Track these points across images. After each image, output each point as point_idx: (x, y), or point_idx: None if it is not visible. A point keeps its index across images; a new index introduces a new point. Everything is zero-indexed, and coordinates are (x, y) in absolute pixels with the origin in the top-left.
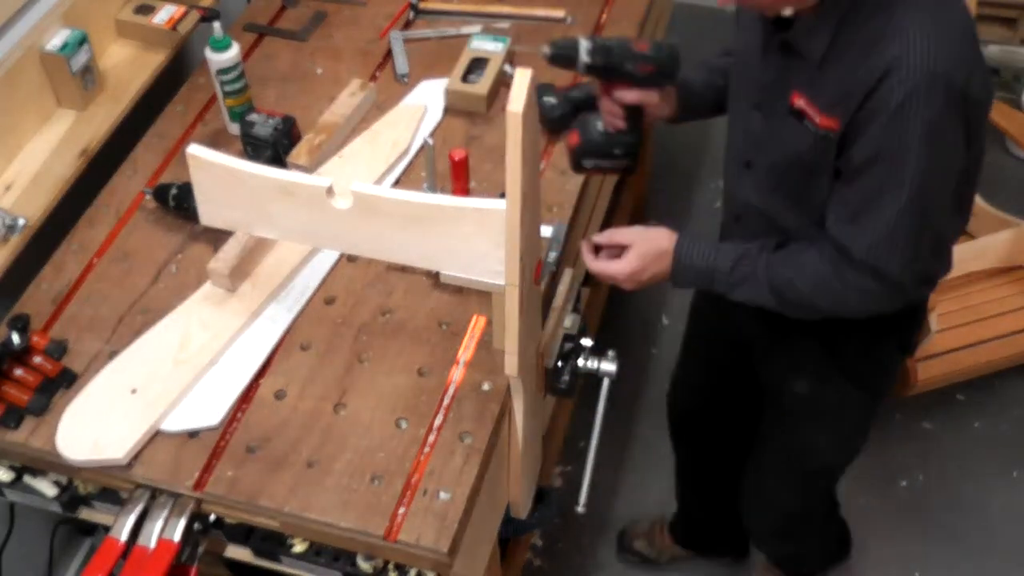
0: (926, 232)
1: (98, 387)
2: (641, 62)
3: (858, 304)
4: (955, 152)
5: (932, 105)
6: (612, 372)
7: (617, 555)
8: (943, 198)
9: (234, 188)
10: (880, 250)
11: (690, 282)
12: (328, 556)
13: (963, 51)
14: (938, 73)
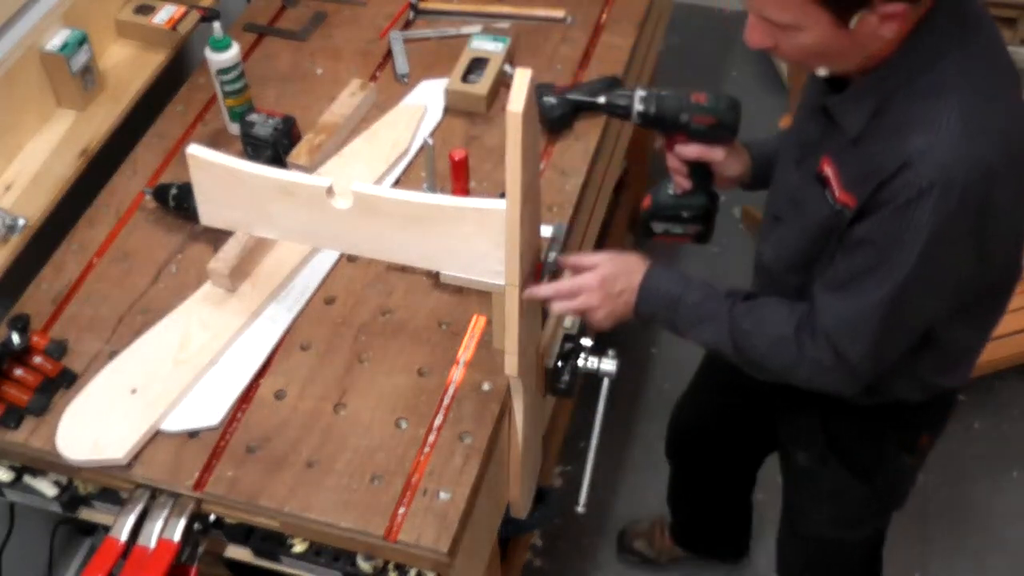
0: (898, 331)
1: (98, 387)
2: (697, 113)
3: (808, 375)
4: (957, 264)
5: (940, 212)
6: (612, 372)
7: (617, 555)
8: (931, 305)
9: (234, 188)
10: (844, 330)
11: (654, 307)
12: (328, 556)
13: (997, 157)
14: (956, 179)
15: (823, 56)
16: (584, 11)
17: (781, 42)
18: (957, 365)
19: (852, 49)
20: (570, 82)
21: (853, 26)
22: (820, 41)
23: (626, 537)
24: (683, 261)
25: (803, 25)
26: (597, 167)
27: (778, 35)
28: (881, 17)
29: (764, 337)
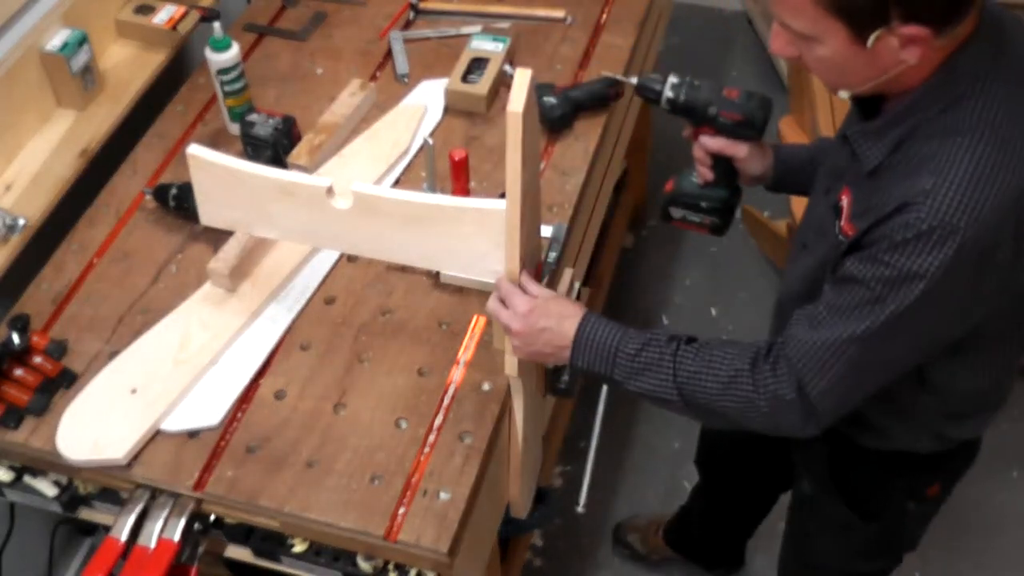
0: (866, 373)
1: (98, 387)
2: (726, 108)
3: (765, 411)
4: (944, 315)
5: (936, 260)
6: None
7: (613, 548)
8: (905, 353)
9: (234, 188)
10: (811, 362)
11: (589, 358)
12: (328, 556)
13: (1006, 209)
14: (957, 227)
15: (842, 74)
16: (584, 11)
17: (803, 53)
18: (965, 414)
19: (871, 70)
20: (570, 82)
21: (871, 45)
22: (837, 57)
23: (621, 530)
24: (683, 260)
25: (820, 37)
26: (597, 167)
27: (800, 45)
28: (902, 40)
29: (715, 377)
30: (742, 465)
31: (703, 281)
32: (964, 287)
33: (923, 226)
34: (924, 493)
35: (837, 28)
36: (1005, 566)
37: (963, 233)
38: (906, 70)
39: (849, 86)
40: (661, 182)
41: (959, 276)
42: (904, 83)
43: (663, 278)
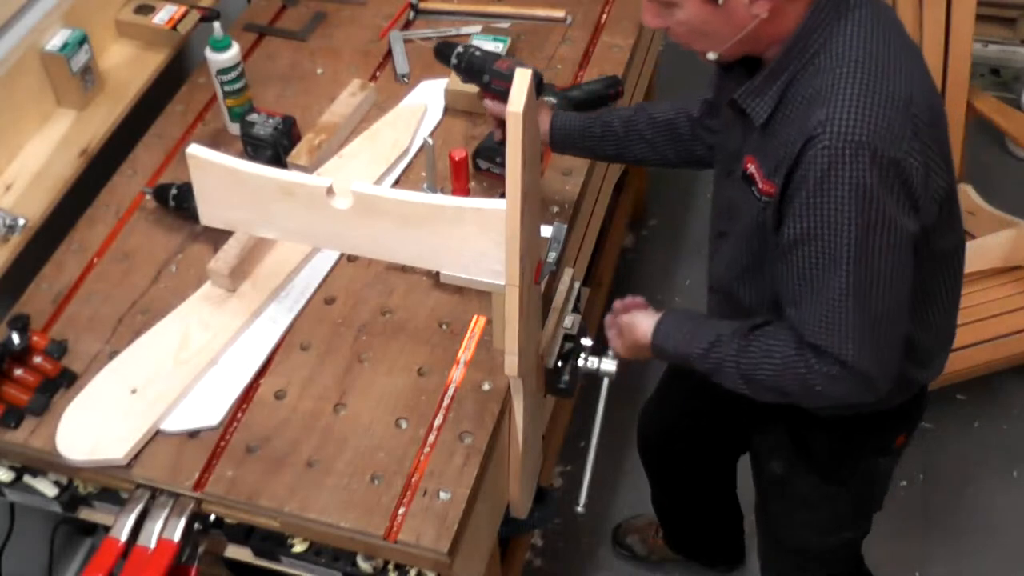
0: (882, 317)
1: (98, 387)
2: (496, 77)
3: (827, 390)
4: (901, 227)
5: (858, 175)
6: (612, 372)
7: (613, 548)
8: (899, 278)
9: (234, 188)
10: (828, 334)
11: (670, 359)
12: (328, 556)
13: (900, 118)
14: (863, 141)
15: (704, 36)
16: (584, 11)
17: (669, 22)
18: (932, 354)
19: (728, 28)
20: (570, 82)
21: (722, 2)
22: (695, 18)
23: (620, 531)
24: (683, 260)
25: (678, 1)
26: (597, 167)
27: (665, 14)
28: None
29: (772, 363)
30: (681, 455)
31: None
32: (901, 193)
33: (833, 152)
34: (892, 445)
35: None
36: (1005, 566)
37: (870, 145)
38: (772, 24)
39: (714, 47)
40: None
41: (889, 182)
42: (774, 36)
43: (663, 278)
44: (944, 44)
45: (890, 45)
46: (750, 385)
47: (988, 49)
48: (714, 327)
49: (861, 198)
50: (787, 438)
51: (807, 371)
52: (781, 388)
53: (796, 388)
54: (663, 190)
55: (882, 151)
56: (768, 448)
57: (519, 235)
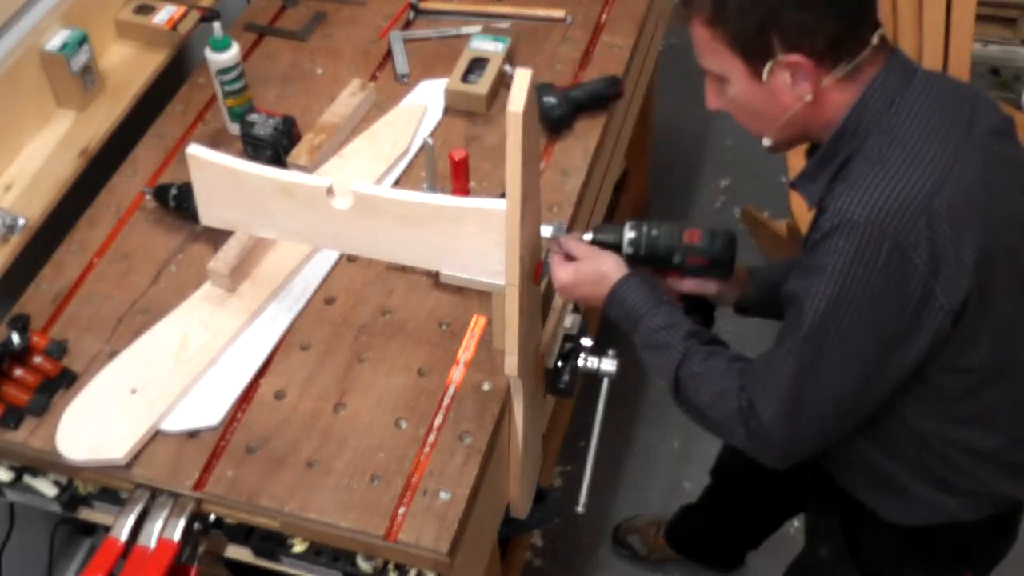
0: (815, 394)
1: (98, 387)
2: (690, 254)
3: (741, 433)
4: (868, 314)
5: (841, 251)
6: (612, 372)
7: (613, 548)
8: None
9: (234, 188)
10: (758, 383)
11: (617, 316)
12: (328, 556)
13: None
14: (857, 221)
15: (755, 115)
16: (584, 11)
17: (727, 104)
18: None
19: (774, 107)
20: (570, 82)
21: (766, 79)
22: (743, 95)
23: (621, 530)
24: None
25: (728, 75)
26: (597, 167)
27: (721, 93)
28: (790, 71)
29: (710, 386)
30: (756, 486)
31: None
32: (879, 288)
33: (828, 225)
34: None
35: (736, 63)
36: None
37: (863, 228)
38: (820, 109)
39: (765, 130)
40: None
41: (868, 271)
42: (824, 122)
43: None
44: (944, 44)
45: (942, 129)
46: (677, 388)
47: (988, 49)
48: (674, 313)
49: (839, 272)
50: (841, 529)
51: (737, 408)
52: (705, 411)
53: (717, 420)
54: (663, 190)
55: (873, 237)
56: (822, 529)
57: (519, 235)
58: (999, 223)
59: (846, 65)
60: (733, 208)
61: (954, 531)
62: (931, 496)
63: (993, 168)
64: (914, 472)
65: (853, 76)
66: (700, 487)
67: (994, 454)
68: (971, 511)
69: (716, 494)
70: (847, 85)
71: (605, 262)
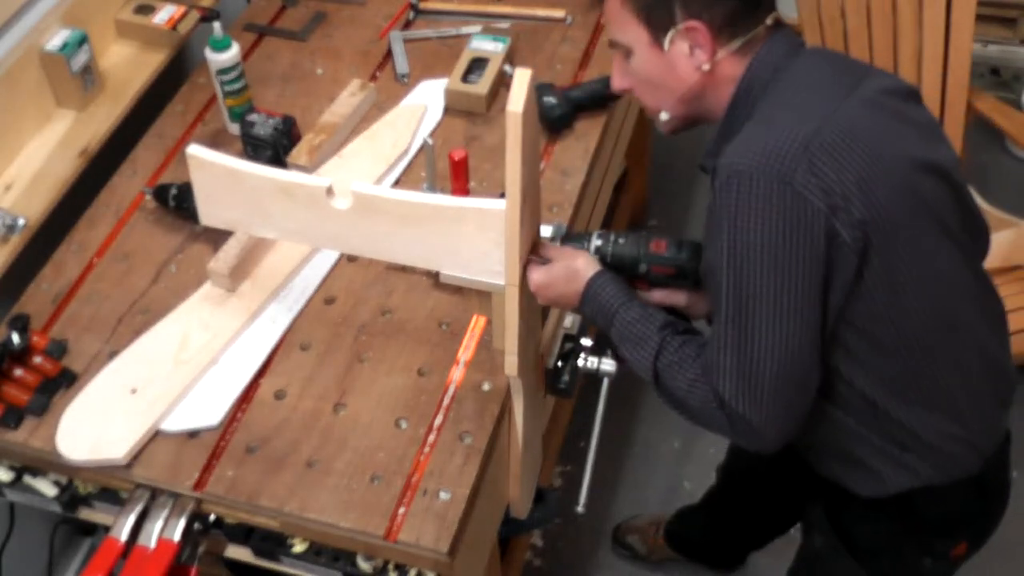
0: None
1: (98, 387)
2: (656, 264)
3: (720, 424)
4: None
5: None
6: (612, 372)
7: (613, 548)
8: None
9: (234, 188)
10: (710, 368)
11: (591, 313)
12: (328, 556)
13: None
14: (740, 170)
15: (656, 90)
16: (584, 11)
17: (631, 81)
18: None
19: (672, 79)
20: (570, 82)
21: (667, 47)
22: (645, 66)
23: (621, 530)
24: None
25: (632, 45)
26: (597, 167)
27: (627, 71)
28: (689, 40)
29: (684, 374)
30: (765, 485)
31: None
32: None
33: (718, 186)
34: (945, 552)
35: (641, 32)
36: (1005, 566)
37: (748, 173)
38: (714, 87)
39: (664, 103)
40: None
41: (764, 216)
42: (720, 102)
43: None
44: (944, 44)
45: (826, 88)
46: (658, 383)
47: (988, 49)
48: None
49: (731, 227)
50: (827, 516)
51: (713, 398)
52: (685, 400)
53: (696, 408)
54: (663, 190)
55: (760, 180)
56: (814, 519)
57: (519, 235)
58: (893, 161)
59: (740, 39)
60: None
61: (933, 498)
62: (896, 460)
63: (882, 119)
64: (872, 438)
65: (744, 51)
66: (700, 487)
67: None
68: (941, 473)
69: (722, 492)
70: (739, 60)
71: (577, 260)
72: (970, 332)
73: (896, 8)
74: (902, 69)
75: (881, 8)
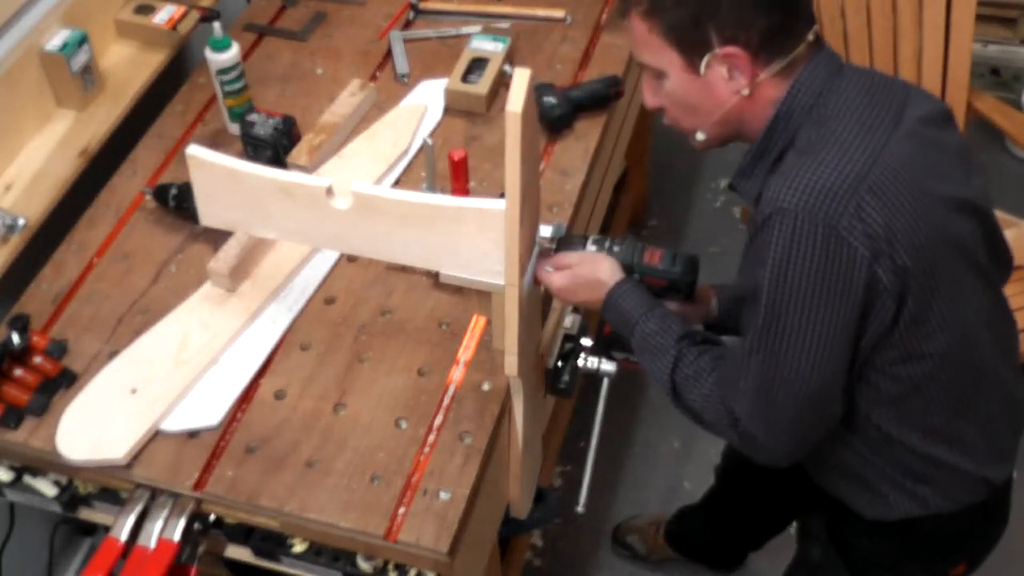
0: (779, 385)
1: (98, 387)
2: (648, 274)
3: (731, 437)
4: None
5: (779, 239)
6: (612, 372)
7: (613, 548)
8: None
9: (234, 188)
10: (729, 387)
11: (613, 321)
12: (328, 556)
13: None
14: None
15: (690, 111)
16: (584, 11)
17: (663, 100)
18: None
19: (709, 102)
20: (570, 82)
21: (703, 72)
22: (680, 89)
23: (621, 530)
24: None
25: (665, 70)
26: (597, 167)
27: (658, 89)
28: (727, 64)
29: (699, 388)
30: (761, 485)
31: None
32: (820, 275)
33: (760, 218)
34: (945, 571)
35: (672, 56)
36: (1005, 566)
37: (794, 214)
38: (753, 105)
39: (700, 125)
40: (661, 182)
41: (805, 259)
42: (757, 123)
43: None
44: (944, 44)
45: (871, 117)
46: (675, 392)
47: (988, 49)
48: (668, 318)
49: (781, 262)
50: (827, 529)
51: (724, 414)
52: (702, 414)
53: (711, 421)
54: (663, 190)
55: (806, 220)
56: (813, 530)
57: (519, 235)
58: (935, 204)
59: (781, 60)
60: (733, 208)
61: (938, 523)
62: (906, 489)
63: (925, 154)
64: (885, 467)
65: (787, 72)
66: (700, 487)
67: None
68: (949, 502)
69: (720, 493)
70: (781, 81)
71: (600, 267)
72: (990, 369)
73: (896, 8)
74: (902, 69)
75: (881, 8)
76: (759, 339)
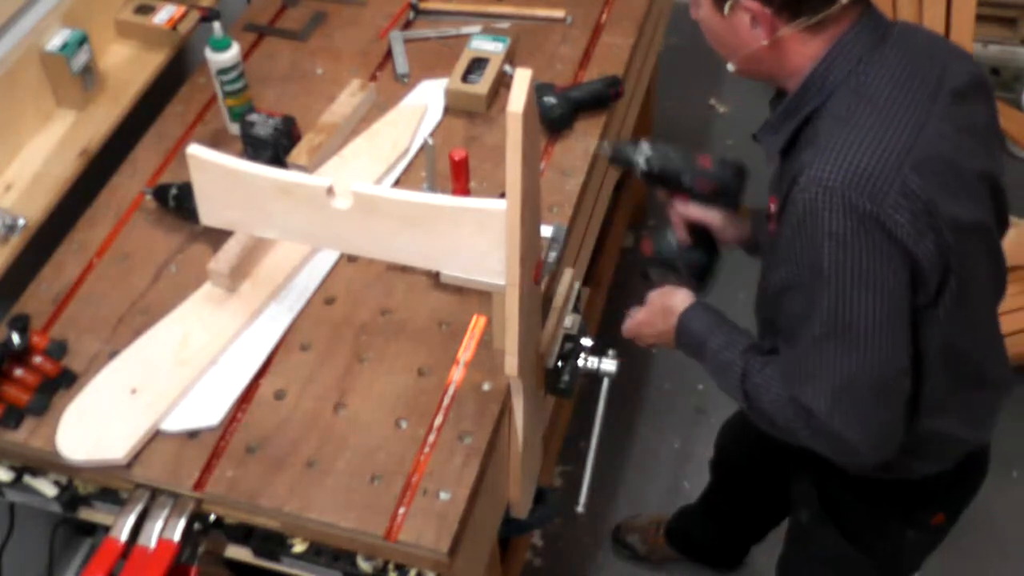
0: (857, 376)
1: (98, 387)
2: (700, 177)
3: (808, 442)
4: (879, 284)
5: (833, 218)
6: (612, 372)
7: (613, 548)
8: (872, 339)
9: (234, 188)
10: (800, 384)
11: (686, 345)
12: (328, 556)
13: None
14: (834, 187)
15: (718, 41)
16: (584, 11)
17: (700, 19)
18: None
19: (735, 40)
20: (570, 82)
21: (727, 13)
22: (708, 21)
23: (621, 530)
24: None
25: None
26: (597, 167)
27: (699, 10)
28: (751, 16)
29: (768, 394)
30: (756, 475)
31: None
32: (875, 245)
33: (806, 196)
34: (926, 522)
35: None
36: (1005, 567)
37: (840, 189)
38: (782, 55)
39: (728, 56)
40: None
41: (860, 233)
42: (791, 69)
43: None
44: None
45: (911, 91)
46: (749, 405)
47: (988, 49)
48: (734, 333)
49: (837, 248)
50: (815, 490)
51: (794, 415)
52: (773, 420)
53: (784, 426)
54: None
55: (856, 202)
56: (799, 495)
57: (519, 235)
58: (968, 178)
59: (808, 18)
60: None
61: (924, 482)
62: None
63: (959, 131)
64: None
65: (817, 30)
66: (700, 487)
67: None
68: (936, 467)
69: (716, 486)
70: (811, 38)
71: (675, 297)
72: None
73: (896, 8)
74: None
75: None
76: (823, 326)
